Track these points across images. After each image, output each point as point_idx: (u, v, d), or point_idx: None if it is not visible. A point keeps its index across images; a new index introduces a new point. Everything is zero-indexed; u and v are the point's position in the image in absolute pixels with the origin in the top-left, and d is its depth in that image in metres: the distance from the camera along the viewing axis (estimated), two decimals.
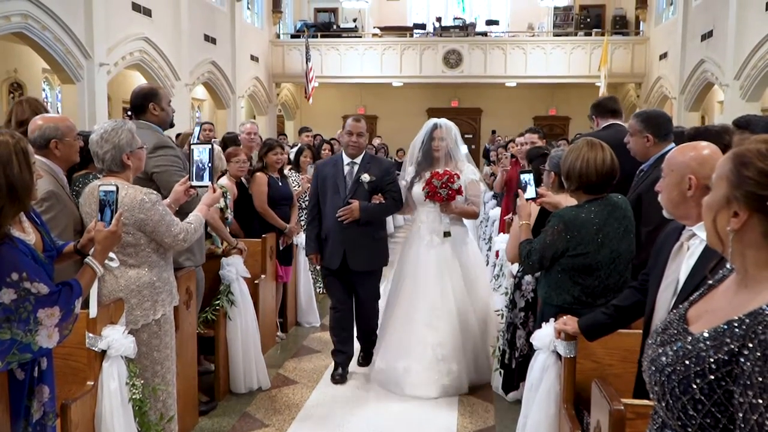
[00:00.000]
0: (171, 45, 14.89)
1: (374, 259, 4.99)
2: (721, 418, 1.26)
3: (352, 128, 4.89)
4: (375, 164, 4.97)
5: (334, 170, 4.94)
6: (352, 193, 4.84)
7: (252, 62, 19.81)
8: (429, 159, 4.92)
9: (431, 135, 4.90)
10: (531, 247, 3.17)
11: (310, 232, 5.05)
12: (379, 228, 5.05)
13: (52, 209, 3.18)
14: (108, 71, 12.56)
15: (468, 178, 4.88)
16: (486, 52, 20.69)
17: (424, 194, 4.75)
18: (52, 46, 11.19)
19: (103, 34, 12.23)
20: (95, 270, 2.51)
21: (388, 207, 4.91)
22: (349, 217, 4.78)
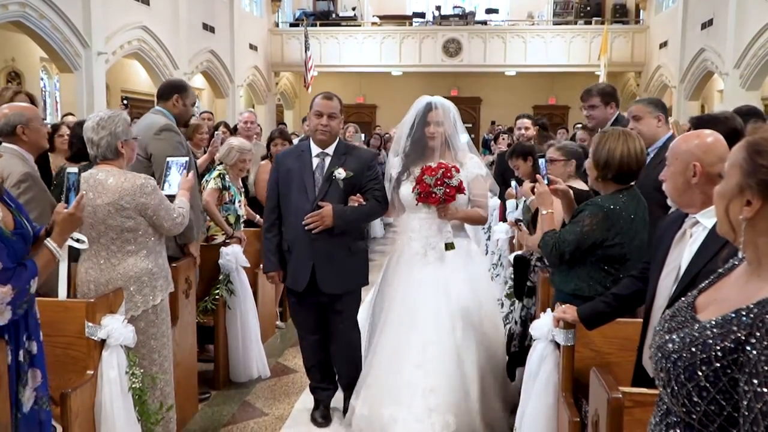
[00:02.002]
0: (169, 34, 14.83)
1: (351, 277, 3.85)
2: (725, 405, 1.26)
3: (322, 107, 3.69)
4: (352, 155, 3.79)
5: (300, 163, 3.77)
6: (323, 194, 3.71)
7: (251, 51, 19.74)
8: (421, 149, 3.80)
9: (424, 118, 3.75)
10: (560, 237, 3.03)
11: (268, 243, 3.87)
12: (357, 237, 3.90)
13: (29, 190, 3.25)
14: (106, 60, 12.53)
15: (471, 172, 3.81)
16: (485, 41, 20.63)
17: (414, 196, 3.65)
18: (49, 35, 11.14)
19: (101, 23, 12.18)
20: (53, 251, 2.48)
21: (369, 211, 3.82)
22: (319, 224, 3.66)
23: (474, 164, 3.87)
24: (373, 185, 3.82)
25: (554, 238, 3.05)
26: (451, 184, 3.56)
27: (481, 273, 4.01)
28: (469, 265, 3.85)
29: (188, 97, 4.15)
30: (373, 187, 3.81)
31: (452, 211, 3.69)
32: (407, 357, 3.63)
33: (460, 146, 3.89)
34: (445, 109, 3.80)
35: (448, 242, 3.69)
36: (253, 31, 19.87)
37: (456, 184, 3.58)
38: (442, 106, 3.80)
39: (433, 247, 3.75)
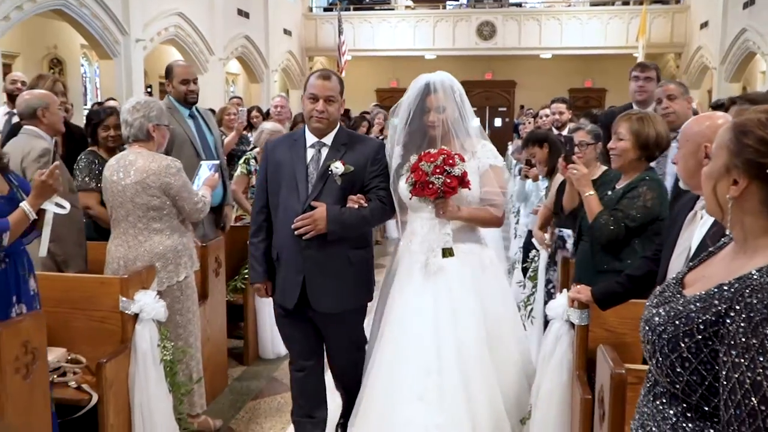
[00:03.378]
0: (205, 20, 15.04)
1: (350, 293, 3.15)
2: (706, 375, 1.32)
3: (317, 90, 3.03)
4: (355, 146, 3.14)
5: (291, 155, 3.13)
6: (317, 192, 3.05)
7: (285, 36, 19.87)
8: (420, 138, 3.18)
9: (422, 103, 3.13)
10: (623, 215, 3.04)
11: (254, 249, 3.25)
12: (358, 245, 3.18)
13: (48, 165, 3.39)
14: (144, 47, 12.77)
15: (483, 163, 3.16)
16: (520, 24, 20.43)
17: (408, 187, 3.03)
18: (89, 23, 11.42)
19: (139, 10, 12.42)
20: (26, 211, 2.65)
21: (371, 214, 3.09)
22: (311, 229, 2.99)
23: (487, 153, 3.19)
24: (378, 183, 3.12)
25: (615, 215, 3.08)
26: (452, 173, 2.88)
27: (496, 287, 3.23)
28: (480, 277, 3.14)
29: (175, 77, 4.37)
30: (378, 185, 3.11)
31: (452, 208, 3.02)
32: (405, 388, 3.00)
33: (470, 132, 3.20)
34: (446, 90, 3.11)
35: (445, 247, 3.02)
36: (287, 16, 19.99)
37: (459, 174, 2.90)
38: (443, 88, 3.11)
39: (436, 255, 3.08)
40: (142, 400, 3.12)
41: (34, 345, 2.54)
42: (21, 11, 9.89)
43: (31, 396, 2.53)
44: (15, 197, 2.72)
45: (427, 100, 3.12)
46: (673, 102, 3.78)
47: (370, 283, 3.31)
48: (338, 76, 3.15)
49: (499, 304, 3.20)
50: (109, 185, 3.45)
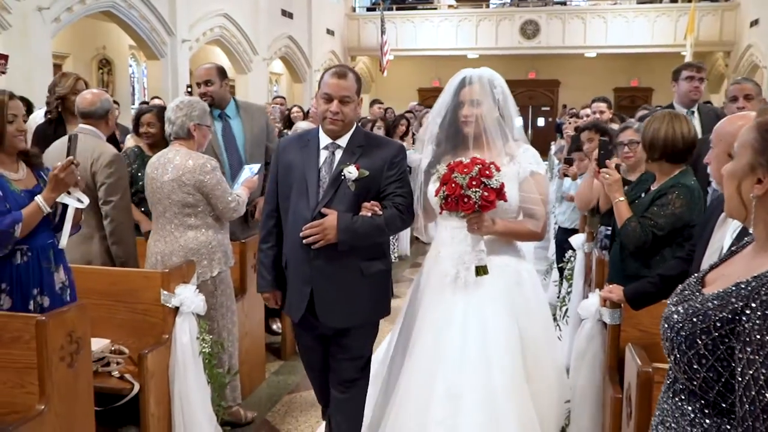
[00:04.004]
0: (249, 20, 15.29)
1: (361, 307, 2.92)
2: (723, 372, 1.33)
3: (332, 89, 2.78)
4: (372, 149, 2.88)
5: (303, 157, 2.90)
6: (328, 198, 2.82)
7: (328, 36, 20.05)
8: (454, 138, 2.87)
9: (457, 97, 2.83)
10: (651, 222, 2.99)
11: (262, 256, 3.05)
12: (373, 256, 2.93)
13: (120, 170, 3.58)
14: (190, 47, 13.08)
15: (525, 169, 2.81)
16: (564, 22, 20.23)
17: (439, 201, 2.68)
18: (137, 24, 11.74)
19: (185, 12, 12.71)
20: (39, 204, 2.73)
21: (386, 223, 2.84)
22: (320, 238, 2.77)
23: (528, 158, 2.84)
24: (395, 189, 2.85)
25: (643, 223, 3.02)
26: (490, 185, 2.55)
27: (532, 303, 2.87)
28: (515, 292, 2.81)
29: (194, 80, 4.56)
30: (395, 192, 2.85)
31: (487, 223, 2.67)
32: (431, 410, 2.70)
33: (510, 134, 2.85)
34: (483, 83, 2.79)
35: (479, 265, 2.69)
36: (330, 16, 20.17)
37: (497, 187, 2.57)
38: (480, 81, 2.80)
39: (468, 267, 2.76)
40: (181, 390, 3.21)
41: (79, 335, 2.65)
42: (71, 13, 10.23)
43: (75, 383, 2.64)
44: (38, 192, 2.81)
45: (462, 93, 2.81)
46: (750, 102, 3.70)
47: (386, 297, 3.05)
48: (355, 74, 2.88)
49: (536, 322, 2.85)
50: (149, 181, 3.57)
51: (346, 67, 2.90)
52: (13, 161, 2.80)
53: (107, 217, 3.46)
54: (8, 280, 2.72)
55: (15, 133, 2.73)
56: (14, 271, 2.73)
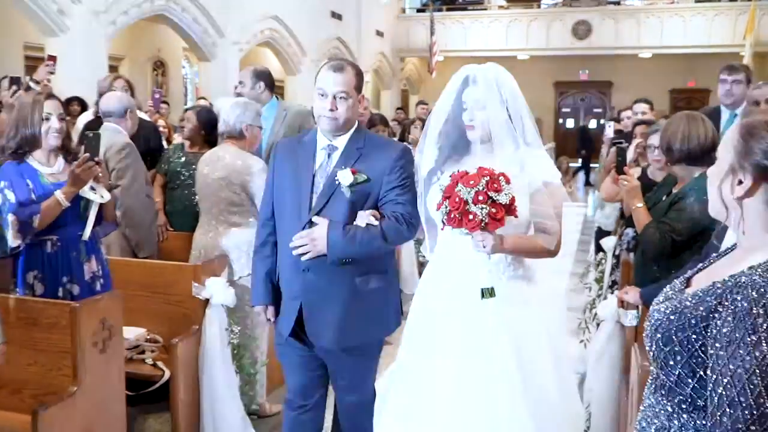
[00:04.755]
0: (299, 22, 15.52)
1: (356, 328, 2.63)
2: (697, 369, 1.36)
3: (326, 84, 2.53)
4: (372, 151, 2.60)
5: (298, 160, 2.67)
6: (321, 205, 2.56)
7: (377, 37, 20.18)
8: (458, 143, 2.58)
9: (459, 99, 2.51)
10: (670, 228, 2.95)
11: (256, 266, 2.80)
12: (371, 270, 2.64)
13: (129, 156, 3.81)
14: (240, 49, 13.36)
15: (534, 179, 2.48)
16: (618, 22, 19.86)
17: (441, 216, 2.34)
18: (190, 27, 12.08)
19: (236, 14, 13.01)
20: (58, 198, 2.87)
21: (385, 234, 2.53)
22: (310, 249, 2.53)
23: (539, 166, 2.50)
24: (396, 196, 2.55)
25: (661, 229, 2.98)
26: (498, 200, 2.23)
27: (537, 327, 2.52)
28: (521, 315, 2.48)
29: None
30: (395, 199, 2.55)
31: (495, 241, 2.33)
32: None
33: (521, 139, 2.49)
34: (488, 83, 2.45)
35: (485, 287, 2.36)
36: (379, 17, 20.29)
37: (506, 202, 2.24)
38: (485, 80, 2.45)
39: (467, 287, 2.46)
40: (209, 378, 3.35)
41: (111, 322, 2.81)
42: (127, 16, 10.60)
43: (107, 368, 2.80)
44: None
45: (465, 94, 2.48)
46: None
47: (387, 316, 2.73)
48: (355, 68, 2.61)
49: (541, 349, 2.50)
50: (200, 177, 3.75)
51: (344, 61, 2.66)
52: (49, 156, 2.99)
53: (117, 201, 3.66)
54: (40, 267, 2.91)
55: (49, 131, 2.91)
56: (45, 259, 2.92)
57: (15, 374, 2.77)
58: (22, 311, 2.77)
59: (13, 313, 2.75)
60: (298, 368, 2.77)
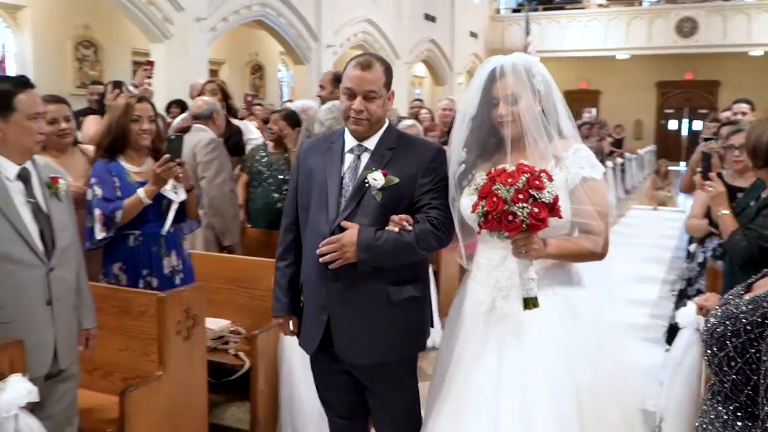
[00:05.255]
0: (392, 25, 15.71)
1: (388, 342, 2.40)
2: (751, 375, 1.33)
3: (354, 83, 2.32)
4: (404, 152, 2.41)
5: (325, 162, 2.46)
6: (350, 210, 2.36)
7: (471, 38, 20.10)
8: (488, 141, 2.36)
9: (489, 92, 2.29)
10: (758, 233, 2.86)
11: (279, 276, 2.59)
12: (404, 279, 2.41)
13: (215, 150, 4.09)
14: (334, 52, 13.68)
15: (573, 174, 2.25)
16: (726, 18, 18.92)
17: (477, 218, 2.08)
18: (286, 31, 12.48)
19: (330, 18, 13.33)
20: (140, 196, 3.03)
21: (418, 240, 2.31)
22: (338, 256, 2.30)
23: (580, 160, 2.27)
24: (430, 200, 2.35)
25: (748, 235, 2.89)
26: (541, 199, 1.99)
27: (591, 340, 2.25)
28: (568, 327, 2.23)
29: None
30: (430, 203, 2.35)
31: (537, 245, 2.09)
32: None
33: (557, 131, 2.31)
34: (519, 74, 2.24)
35: (528, 296, 2.11)
36: (473, 18, 20.21)
37: (550, 201, 2.01)
38: (515, 71, 2.24)
39: (506, 296, 2.25)
40: (288, 370, 3.47)
41: (194, 312, 2.97)
42: (227, 23, 11.07)
43: (190, 354, 2.96)
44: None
45: (494, 88, 2.26)
46: None
47: (422, 328, 2.51)
48: (384, 64, 2.39)
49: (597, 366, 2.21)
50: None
51: (373, 57, 2.40)
52: (139, 156, 3.18)
53: (202, 191, 3.87)
54: (123, 260, 3.11)
55: (138, 132, 3.10)
56: (128, 252, 3.11)
57: (107, 358, 2.98)
58: (116, 300, 2.98)
59: (107, 302, 2.96)
60: (333, 389, 2.58)
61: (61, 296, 2.34)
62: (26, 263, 2.24)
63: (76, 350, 2.50)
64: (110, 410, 2.75)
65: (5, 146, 2.23)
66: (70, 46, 10.87)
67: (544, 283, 2.22)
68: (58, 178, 2.39)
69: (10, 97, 2.21)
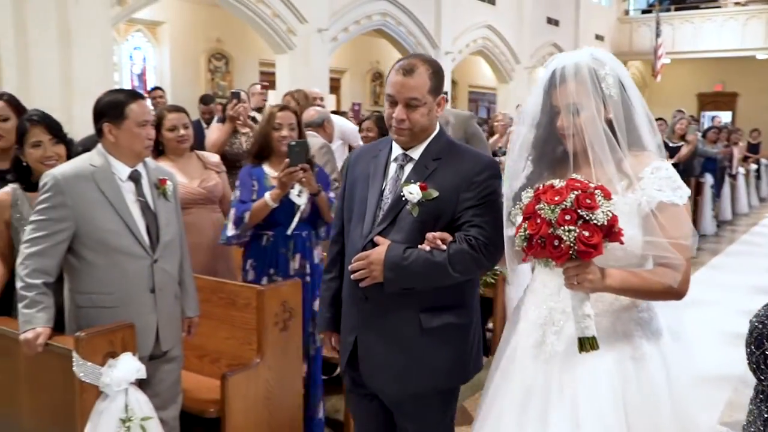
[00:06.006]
0: (512, 30, 15.61)
1: (418, 373, 2.18)
2: None
3: (395, 89, 2.14)
4: (450, 162, 2.19)
5: (370, 171, 2.30)
6: (386, 224, 2.18)
7: (596, 41, 19.51)
8: (553, 155, 2.03)
9: (549, 99, 1.96)
10: None
11: (324, 288, 2.47)
12: (441, 304, 2.19)
13: (327, 154, 4.42)
14: (452, 59, 13.79)
15: (650, 197, 1.87)
16: None
17: (519, 242, 1.78)
18: (405, 39, 12.74)
19: (450, 26, 13.47)
20: (266, 200, 3.19)
21: (451, 262, 2.09)
22: (366, 275, 2.14)
23: (659, 181, 1.88)
24: (472, 217, 2.11)
25: None
26: (593, 220, 1.68)
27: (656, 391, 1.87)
28: (629, 373, 1.87)
29: None
30: (471, 221, 2.11)
31: (593, 276, 1.75)
32: None
33: (629, 141, 1.92)
34: (582, 77, 1.88)
35: (585, 335, 1.77)
36: (599, 21, 19.65)
37: (604, 222, 1.68)
38: (578, 75, 1.88)
39: (558, 332, 1.95)
40: None
41: (291, 305, 3.16)
42: (347, 33, 11.49)
43: (286, 345, 3.16)
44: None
45: (554, 95, 1.93)
46: None
47: (462, 360, 2.24)
48: (432, 66, 2.18)
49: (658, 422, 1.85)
50: None
51: (419, 59, 2.18)
52: (280, 162, 3.30)
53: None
54: (255, 257, 3.34)
55: (279, 138, 3.31)
56: (260, 251, 3.33)
57: (215, 346, 3.24)
58: (223, 293, 3.22)
59: (216, 294, 3.21)
60: (363, 417, 2.41)
61: (163, 285, 2.57)
62: (133, 255, 2.48)
63: (178, 335, 2.73)
64: (214, 392, 2.99)
65: (118, 150, 2.50)
66: (203, 58, 11.70)
67: (614, 325, 1.91)
68: (166, 180, 2.63)
69: (123, 106, 2.46)
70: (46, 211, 2.40)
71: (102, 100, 2.50)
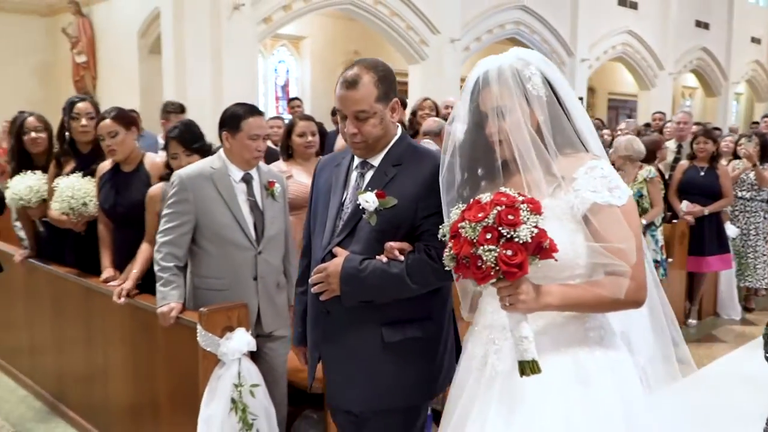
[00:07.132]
0: (655, 35, 15.04)
1: (383, 389, 2.09)
2: None
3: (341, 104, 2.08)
4: (410, 168, 2.09)
5: (332, 180, 2.23)
6: (344, 235, 2.10)
7: (752, 44, 18.31)
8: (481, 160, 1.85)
9: (475, 106, 1.82)
10: None
11: (297, 302, 2.43)
12: (404, 317, 2.09)
13: None
14: (589, 66, 13.54)
15: (583, 199, 1.70)
16: None
17: (449, 263, 1.61)
18: (539, 47, 12.66)
19: (587, 32, 13.24)
20: None
21: (410, 272, 2.00)
22: (325, 288, 2.07)
23: (591, 182, 1.71)
24: (432, 225, 1.91)
25: None
26: (516, 237, 1.53)
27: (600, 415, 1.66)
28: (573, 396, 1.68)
29: None
30: (431, 230, 1.94)
31: (526, 295, 1.59)
32: None
33: (563, 144, 1.78)
34: (505, 80, 1.74)
35: (524, 359, 1.60)
36: (756, 22, 18.39)
37: (527, 239, 1.53)
38: (500, 78, 1.74)
39: (498, 350, 1.78)
40: None
41: None
42: (479, 42, 11.67)
43: None
44: None
45: (480, 99, 1.79)
46: None
47: (429, 376, 2.13)
48: (376, 73, 2.06)
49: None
50: None
51: (362, 67, 2.07)
52: None
53: None
54: None
55: None
56: None
57: None
58: None
59: None
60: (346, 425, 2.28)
61: (265, 274, 2.89)
62: (241, 246, 2.83)
63: (281, 319, 2.98)
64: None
65: (232, 156, 2.86)
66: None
67: (546, 342, 1.70)
68: (275, 183, 2.97)
69: (240, 119, 2.82)
70: (173, 205, 2.82)
71: (226, 112, 2.89)
